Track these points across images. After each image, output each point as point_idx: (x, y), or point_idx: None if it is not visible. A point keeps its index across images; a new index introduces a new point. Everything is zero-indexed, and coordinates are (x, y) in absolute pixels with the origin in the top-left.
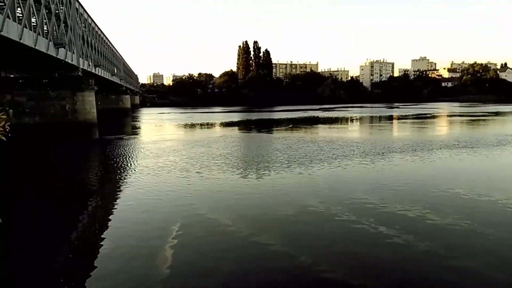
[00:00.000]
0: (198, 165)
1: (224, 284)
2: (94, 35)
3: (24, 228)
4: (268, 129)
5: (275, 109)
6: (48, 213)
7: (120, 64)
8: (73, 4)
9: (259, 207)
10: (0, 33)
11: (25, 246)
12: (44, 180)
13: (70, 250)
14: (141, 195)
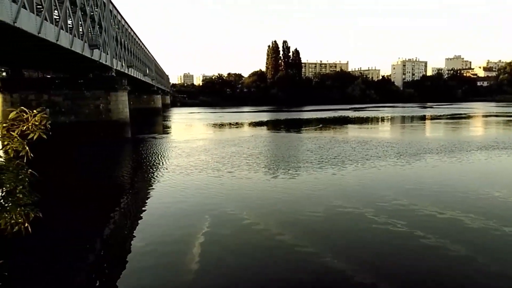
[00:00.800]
0: (229, 164)
1: (251, 282)
2: (127, 36)
3: (60, 224)
4: (298, 129)
5: (304, 109)
6: (82, 209)
7: (152, 65)
8: (107, 6)
9: (289, 208)
10: (38, 34)
11: (59, 241)
12: (78, 178)
13: (102, 246)
14: (172, 193)
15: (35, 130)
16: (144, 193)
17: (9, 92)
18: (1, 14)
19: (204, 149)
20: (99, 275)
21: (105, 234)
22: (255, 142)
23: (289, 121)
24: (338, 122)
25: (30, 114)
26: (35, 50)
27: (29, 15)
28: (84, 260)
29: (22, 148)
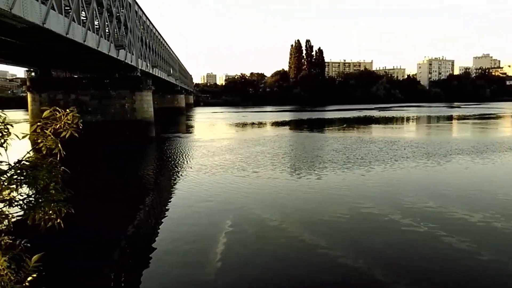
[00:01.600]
0: (254, 164)
1: (273, 282)
2: (151, 36)
3: (87, 221)
4: (322, 129)
5: (327, 109)
6: (108, 207)
7: (176, 65)
8: (133, 6)
9: (313, 208)
10: (66, 35)
11: (87, 237)
12: (104, 176)
13: (127, 243)
14: (197, 192)
15: (67, 128)
16: (169, 192)
17: (38, 92)
18: (31, 16)
19: (229, 149)
20: (123, 272)
21: (130, 231)
22: (279, 141)
23: (313, 120)
24: (363, 122)
25: (63, 113)
26: (63, 51)
27: (58, 16)
28: (109, 256)
29: (55, 146)
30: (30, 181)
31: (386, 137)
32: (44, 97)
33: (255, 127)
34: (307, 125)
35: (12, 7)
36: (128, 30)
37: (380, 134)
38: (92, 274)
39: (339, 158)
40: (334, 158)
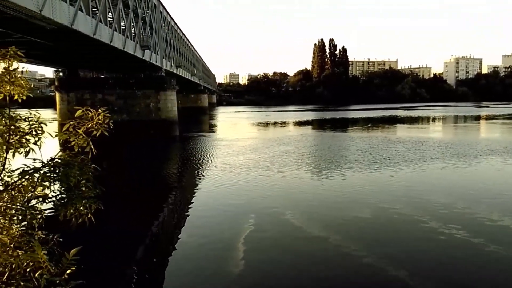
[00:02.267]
0: (278, 164)
1: (295, 284)
2: (176, 36)
3: (113, 217)
4: (346, 128)
5: (350, 108)
6: (133, 204)
7: (199, 65)
8: (158, 7)
9: (338, 209)
10: (94, 36)
11: (112, 233)
12: (129, 174)
13: (151, 240)
14: (220, 191)
15: (98, 128)
16: (193, 190)
17: (66, 92)
18: (60, 17)
19: (253, 148)
20: (148, 268)
21: (154, 229)
22: (303, 141)
23: (336, 120)
24: (388, 122)
25: (94, 113)
26: (90, 51)
27: (85, 17)
28: (133, 253)
29: (86, 144)
30: (62, 178)
31: (413, 137)
32: (72, 96)
33: (279, 127)
34: (331, 124)
35: (42, 9)
36: (153, 30)
37: (407, 134)
38: (117, 270)
39: (365, 158)
40: (360, 158)
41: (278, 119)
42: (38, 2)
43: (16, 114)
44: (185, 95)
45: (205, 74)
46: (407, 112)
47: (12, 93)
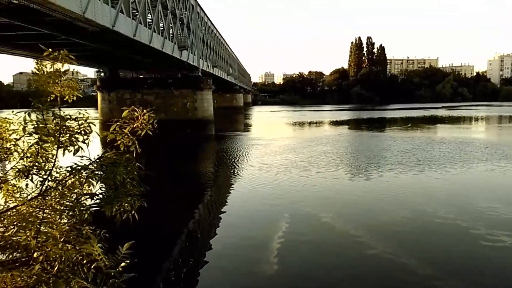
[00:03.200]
0: (317, 164)
1: (325, 283)
2: (212, 37)
3: (151, 214)
4: (386, 128)
5: (388, 107)
6: (169, 202)
7: (235, 64)
8: (195, 8)
9: (377, 212)
10: (134, 37)
11: (150, 229)
12: (166, 172)
13: (186, 237)
14: (256, 190)
15: (143, 127)
16: (229, 189)
17: (107, 91)
18: (102, 19)
19: (290, 148)
20: (183, 266)
21: (189, 227)
22: (342, 141)
23: (375, 120)
24: (430, 122)
25: (140, 113)
26: (130, 52)
27: (126, 19)
28: (169, 250)
29: (131, 143)
30: (109, 176)
31: (458, 138)
32: (113, 96)
33: (315, 126)
34: (369, 124)
35: (85, 11)
36: (190, 31)
37: (451, 134)
38: (154, 266)
39: (408, 159)
40: (402, 159)
41: (314, 118)
42: (82, 4)
43: (66, 113)
44: (220, 95)
45: (241, 73)
46: (449, 112)
47: (63, 94)
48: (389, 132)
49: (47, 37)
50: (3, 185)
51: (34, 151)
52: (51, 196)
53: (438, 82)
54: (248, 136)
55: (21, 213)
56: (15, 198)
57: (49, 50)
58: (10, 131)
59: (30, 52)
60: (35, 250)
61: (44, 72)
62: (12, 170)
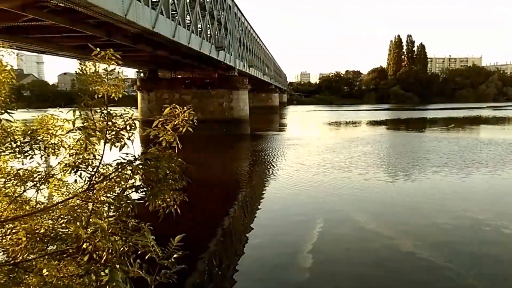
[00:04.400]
0: (357, 165)
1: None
2: (249, 37)
3: (188, 210)
4: (428, 128)
5: (429, 107)
6: (206, 199)
7: (271, 64)
8: (233, 9)
9: (419, 215)
10: (173, 38)
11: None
12: (202, 170)
13: (221, 235)
14: (296, 191)
15: (184, 124)
16: (264, 189)
17: (147, 91)
18: (143, 21)
19: (328, 148)
20: (218, 263)
21: (224, 225)
22: (383, 142)
23: (415, 120)
24: (474, 122)
25: (180, 110)
26: (169, 53)
27: (166, 20)
28: (205, 247)
29: (173, 140)
30: (152, 171)
31: (507, 139)
32: (152, 95)
33: (354, 126)
34: (411, 124)
35: (126, 14)
36: (227, 31)
37: (499, 136)
38: (189, 262)
39: (454, 161)
40: (449, 161)
41: (352, 118)
42: (124, 7)
43: (113, 111)
44: (256, 94)
45: (276, 73)
46: (495, 112)
47: (109, 92)
48: (432, 132)
49: (90, 39)
50: (50, 180)
51: (82, 146)
52: (98, 190)
53: (482, 81)
54: (284, 136)
55: (70, 206)
56: (61, 193)
57: (97, 49)
58: (57, 127)
59: (74, 53)
60: (84, 241)
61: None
62: (59, 165)
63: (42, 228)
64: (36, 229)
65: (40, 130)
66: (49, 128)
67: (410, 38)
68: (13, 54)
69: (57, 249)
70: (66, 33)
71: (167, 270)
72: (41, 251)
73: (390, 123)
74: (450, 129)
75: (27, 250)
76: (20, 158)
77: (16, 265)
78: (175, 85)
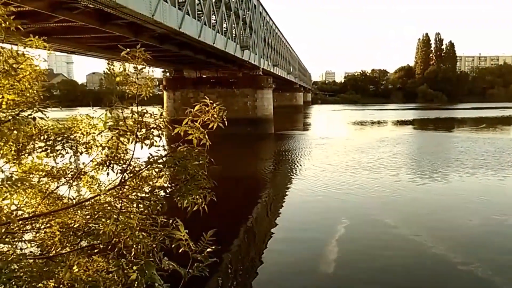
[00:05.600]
0: (386, 166)
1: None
2: (274, 36)
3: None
4: (458, 128)
5: (457, 107)
6: (229, 198)
7: (295, 63)
8: (258, 8)
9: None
10: (198, 38)
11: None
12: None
13: (245, 233)
14: (323, 192)
15: (214, 120)
16: (289, 189)
17: (172, 90)
18: (170, 21)
19: (355, 148)
20: (241, 263)
21: (247, 224)
22: (414, 142)
23: (446, 119)
24: (507, 122)
25: (210, 106)
26: (194, 52)
27: (192, 20)
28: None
29: (203, 137)
30: (181, 169)
31: None
32: (177, 95)
33: (381, 126)
34: (441, 124)
35: (153, 14)
36: (252, 31)
37: None
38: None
39: (491, 163)
40: (485, 163)
41: (380, 117)
42: (151, 7)
43: (143, 109)
44: (280, 93)
45: (301, 72)
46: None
47: (139, 92)
48: (463, 132)
49: (118, 39)
50: (82, 177)
51: (114, 144)
52: (128, 187)
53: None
54: (309, 136)
55: (101, 203)
56: (93, 189)
57: (127, 49)
58: (90, 126)
59: (103, 53)
60: (114, 237)
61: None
62: (91, 162)
63: (76, 223)
64: (69, 224)
65: (73, 129)
66: (81, 127)
67: (438, 36)
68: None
69: (89, 244)
70: (95, 33)
71: (199, 263)
72: (73, 246)
73: (419, 123)
74: (482, 129)
75: (60, 244)
76: (53, 155)
77: (50, 258)
78: (200, 85)
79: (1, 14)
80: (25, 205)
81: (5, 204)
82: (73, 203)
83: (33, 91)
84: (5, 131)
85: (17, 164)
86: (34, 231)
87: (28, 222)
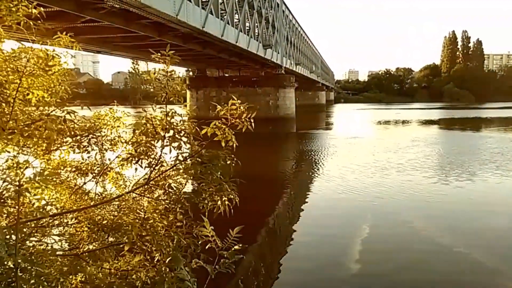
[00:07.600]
0: (417, 167)
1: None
2: (296, 34)
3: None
4: (490, 128)
5: (485, 106)
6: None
7: (318, 62)
8: (280, 7)
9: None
10: (221, 37)
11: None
12: (247, 167)
13: (266, 232)
14: (340, 191)
15: (243, 121)
16: (313, 189)
17: (195, 89)
18: (193, 21)
19: (382, 148)
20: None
21: (269, 224)
22: (445, 142)
23: (474, 119)
24: None
25: (238, 106)
26: (217, 51)
27: (215, 20)
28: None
29: (230, 138)
30: (208, 170)
31: None
32: (200, 94)
33: (409, 125)
34: (470, 123)
35: (177, 14)
36: (275, 29)
37: None
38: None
39: None
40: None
41: (405, 117)
42: (175, 7)
43: (172, 110)
44: (303, 92)
45: (324, 71)
46: None
47: (169, 95)
48: (497, 132)
49: (143, 39)
50: (108, 173)
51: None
52: (155, 186)
53: None
54: (332, 135)
55: (128, 200)
56: (119, 185)
57: (158, 54)
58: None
59: (127, 53)
60: (140, 235)
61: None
62: (117, 158)
63: (104, 219)
64: (97, 220)
65: (99, 125)
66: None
67: (465, 34)
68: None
69: (116, 241)
70: (120, 33)
71: (226, 260)
72: (101, 242)
73: (447, 122)
74: (507, 129)
75: (88, 238)
76: (80, 151)
77: (79, 255)
78: (222, 83)
79: (33, 15)
80: (55, 201)
81: (36, 199)
82: (101, 199)
83: (61, 88)
84: (36, 130)
85: (46, 160)
86: (63, 226)
87: (56, 218)
